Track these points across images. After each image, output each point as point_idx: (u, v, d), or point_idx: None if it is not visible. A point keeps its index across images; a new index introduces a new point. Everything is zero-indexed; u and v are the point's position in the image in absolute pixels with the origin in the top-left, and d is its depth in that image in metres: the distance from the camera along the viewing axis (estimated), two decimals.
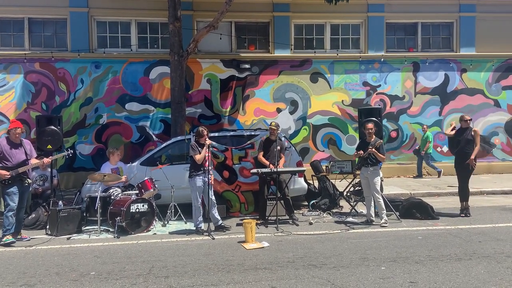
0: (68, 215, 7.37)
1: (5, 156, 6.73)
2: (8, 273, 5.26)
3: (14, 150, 6.82)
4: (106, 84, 13.05)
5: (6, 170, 6.65)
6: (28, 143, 7.11)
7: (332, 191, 9.34)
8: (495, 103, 14.33)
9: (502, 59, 14.23)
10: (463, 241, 6.29)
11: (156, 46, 13.47)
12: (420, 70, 14.12)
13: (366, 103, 13.76)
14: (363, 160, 7.75)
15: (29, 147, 7.03)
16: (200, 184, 7.21)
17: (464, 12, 14.19)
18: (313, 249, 6.08)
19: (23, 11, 12.94)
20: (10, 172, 6.65)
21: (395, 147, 14.02)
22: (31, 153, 7.02)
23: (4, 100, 12.75)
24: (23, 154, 6.87)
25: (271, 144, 8.16)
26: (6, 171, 6.64)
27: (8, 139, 6.89)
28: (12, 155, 6.77)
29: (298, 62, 13.76)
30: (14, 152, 6.81)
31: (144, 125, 13.16)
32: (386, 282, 4.64)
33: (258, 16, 13.75)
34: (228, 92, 13.52)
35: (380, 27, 14.00)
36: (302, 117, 13.76)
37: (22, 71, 12.80)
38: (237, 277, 4.92)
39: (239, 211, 8.80)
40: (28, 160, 6.88)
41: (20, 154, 6.85)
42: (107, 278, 4.97)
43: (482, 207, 8.90)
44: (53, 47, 13.08)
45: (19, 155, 6.83)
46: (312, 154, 13.53)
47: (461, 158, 8.08)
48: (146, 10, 13.20)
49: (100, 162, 9.63)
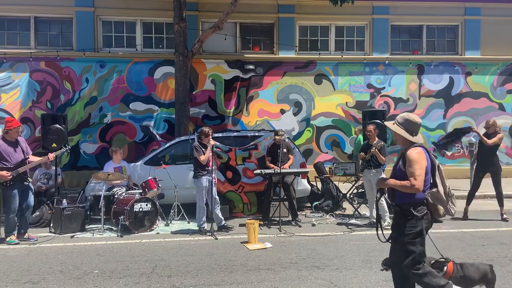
0: (72, 214, 7.40)
1: (4, 157, 6.51)
2: (12, 271, 5.29)
3: (12, 150, 6.60)
4: (111, 84, 13.10)
5: (6, 171, 6.42)
6: (23, 141, 6.88)
7: (335, 193, 9.34)
8: (500, 107, 14.28)
9: (507, 62, 14.18)
10: (467, 245, 6.27)
11: (161, 46, 13.51)
12: (424, 72, 14.09)
13: (370, 105, 13.74)
14: (366, 162, 7.75)
15: (24, 145, 6.83)
16: (206, 184, 7.23)
17: (469, 15, 14.16)
18: (316, 250, 6.07)
19: (29, 10, 13.01)
20: (11, 173, 6.44)
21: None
22: (27, 151, 6.81)
23: (10, 98, 12.82)
24: (21, 153, 6.69)
25: (278, 148, 8.14)
26: (7, 172, 6.41)
27: (4, 138, 6.64)
28: (11, 155, 6.57)
29: (303, 64, 13.76)
30: (12, 151, 6.60)
31: (148, 125, 13.20)
32: (389, 285, 4.62)
33: (263, 17, 13.77)
34: (232, 92, 13.53)
35: (385, 29, 13.99)
36: (306, 119, 13.75)
37: (28, 69, 12.87)
38: (240, 277, 4.92)
39: (242, 211, 8.81)
40: (26, 159, 6.68)
41: (19, 153, 6.66)
42: (111, 277, 4.99)
43: (485, 211, 8.86)
44: (59, 46, 13.15)
45: (17, 154, 6.64)
46: (316, 156, 13.53)
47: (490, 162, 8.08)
48: (151, 10, 13.24)
49: (104, 161, 9.66)
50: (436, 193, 3.55)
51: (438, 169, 3.62)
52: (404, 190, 3.52)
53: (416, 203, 3.55)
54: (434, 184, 3.60)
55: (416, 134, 3.72)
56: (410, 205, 3.56)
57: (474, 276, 3.80)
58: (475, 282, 3.82)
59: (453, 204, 3.63)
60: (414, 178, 3.46)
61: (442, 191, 3.57)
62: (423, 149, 3.63)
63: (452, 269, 3.79)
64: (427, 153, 3.64)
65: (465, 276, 3.77)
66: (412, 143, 3.66)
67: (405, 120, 3.75)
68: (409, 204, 3.56)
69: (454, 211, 3.65)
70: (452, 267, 3.80)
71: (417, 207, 3.54)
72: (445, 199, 3.57)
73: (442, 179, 3.62)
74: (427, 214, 3.58)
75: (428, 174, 3.57)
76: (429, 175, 3.60)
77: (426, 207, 3.58)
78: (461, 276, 3.77)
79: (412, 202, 3.55)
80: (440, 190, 3.55)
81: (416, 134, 3.72)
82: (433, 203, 3.58)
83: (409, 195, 3.54)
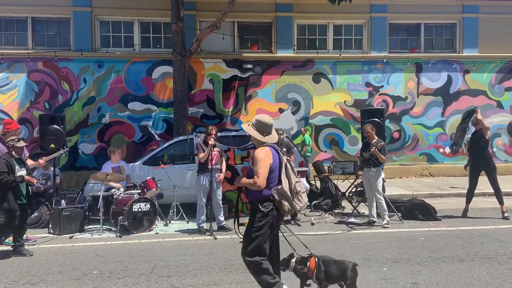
0: (71, 214, 7.38)
1: None
2: (11, 272, 5.28)
3: None
4: (109, 84, 13.08)
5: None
6: None
7: (334, 192, 9.34)
8: (498, 105, 14.30)
9: (505, 60, 14.20)
10: (465, 243, 6.28)
11: (159, 46, 13.49)
12: (422, 71, 14.10)
13: (369, 103, 13.74)
14: (365, 161, 7.76)
15: None
16: (204, 183, 7.23)
17: (467, 13, 14.17)
18: (315, 249, 6.01)
19: (27, 11, 12.98)
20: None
21: (397, 148, 14.01)
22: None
23: (7, 99, 12.79)
24: None
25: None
26: None
27: (1, 140, 6.59)
28: None
29: (301, 63, 13.76)
30: None
31: (147, 125, 13.19)
32: (388, 283, 4.64)
33: (261, 16, 13.76)
34: (231, 92, 13.52)
35: (383, 27, 13.99)
36: (304, 118, 13.75)
37: (25, 70, 12.84)
38: (239, 277, 4.92)
39: (241, 211, 8.80)
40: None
41: None
42: (110, 277, 4.99)
43: (484, 209, 8.87)
44: (56, 47, 13.12)
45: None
46: (315, 155, 13.52)
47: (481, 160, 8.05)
48: (149, 10, 13.22)
49: (102, 161, 9.63)
50: (280, 189, 3.76)
51: (285, 167, 3.84)
52: (251, 187, 3.82)
53: (262, 199, 3.81)
54: (280, 181, 3.81)
55: (268, 134, 3.96)
56: (258, 201, 3.83)
57: (334, 273, 4.05)
58: (336, 279, 4.07)
59: (299, 201, 3.84)
60: (257, 176, 3.74)
61: (287, 187, 3.78)
62: (270, 149, 3.89)
63: (314, 265, 4.05)
64: (276, 152, 3.89)
65: (327, 272, 4.03)
66: (263, 143, 3.92)
67: (257, 121, 3.98)
68: (257, 200, 3.84)
69: (300, 207, 3.85)
70: (314, 263, 4.06)
71: (263, 203, 3.80)
72: (289, 195, 3.78)
73: (288, 176, 3.84)
74: (272, 210, 3.81)
75: (274, 171, 3.82)
76: (276, 173, 3.82)
77: (272, 203, 3.80)
78: (323, 272, 4.03)
79: (260, 198, 3.83)
80: (284, 187, 3.76)
81: (268, 134, 3.96)
82: (279, 199, 3.77)
83: (257, 192, 3.80)
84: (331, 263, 4.11)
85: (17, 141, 6.03)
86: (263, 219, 3.79)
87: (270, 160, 3.80)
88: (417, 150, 13.93)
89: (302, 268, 4.07)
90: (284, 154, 4.00)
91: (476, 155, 8.08)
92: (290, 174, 3.85)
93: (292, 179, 3.84)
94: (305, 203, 3.91)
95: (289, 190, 3.78)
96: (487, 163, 8.05)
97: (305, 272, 4.05)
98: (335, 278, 4.06)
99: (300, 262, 4.12)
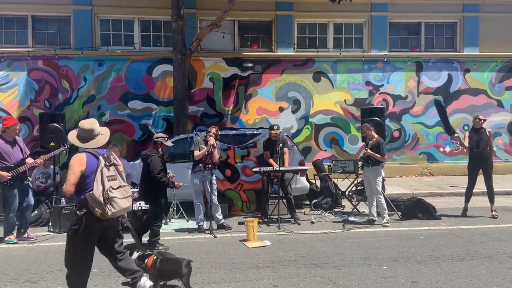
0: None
1: (4, 156, 6.47)
2: (11, 270, 5.29)
3: (11, 149, 6.55)
4: (109, 82, 13.06)
5: (6, 171, 6.39)
6: (21, 140, 6.85)
7: (334, 191, 9.35)
8: (498, 104, 14.28)
9: (505, 59, 14.17)
10: (465, 242, 6.28)
11: (159, 45, 13.47)
12: (423, 70, 14.08)
13: (369, 102, 13.73)
14: (365, 160, 7.78)
15: (22, 144, 6.79)
16: (196, 182, 7.25)
17: (468, 12, 14.14)
18: (315, 248, 6.08)
19: (27, 9, 12.95)
20: (11, 173, 6.41)
21: (397, 147, 14.00)
22: (25, 150, 6.79)
23: (8, 97, 12.78)
24: (20, 152, 6.66)
25: (274, 142, 8.16)
26: (7, 172, 6.38)
27: (2, 137, 6.59)
28: (10, 154, 6.52)
29: (301, 61, 13.74)
30: (11, 151, 6.55)
31: (147, 123, 13.17)
32: (388, 282, 4.64)
33: (261, 15, 13.74)
34: (231, 90, 13.51)
35: (383, 26, 13.97)
36: (304, 116, 13.74)
37: (26, 68, 12.82)
38: (239, 275, 4.93)
39: (241, 209, 8.82)
40: (25, 159, 6.66)
41: (18, 153, 6.62)
42: (110, 276, 4.99)
43: (484, 208, 8.87)
44: (56, 45, 13.09)
45: (16, 153, 6.59)
46: (314, 153, 13.52)
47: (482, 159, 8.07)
48: (149, 8, 13.20)
49: None
50: (91, 195, 3.77)
51: (101, 172, 3.83)
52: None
53: (79, 203, 3.91)
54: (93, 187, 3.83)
55: (89, 140, 4.02)
56: (77, 205, 3.97)
57: (168, 270, 4.28)
58: (172, 275, 4.31)
59: (112, 207, 3.82)
60: (65, 182, 3.84)
61: (97, 193, 3.76)
62: (87, 154, 3.92)
63: (151, 262, 4.30)
64: (94, 157, 3.90)
65: (160, 269, 4.26)
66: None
67: (79, 127, 4.07)
68: (77, 204, 3.99)
69: (112, 213, 3.81)
70: (151, 261, 4.31)
71: (80, 207, 3.89)
72: (100, 200, 3.77)
73: (103, 182, 3.81)
74: (86, 214, 3.84)
75: (89, 177, 3.84)
76: (92, 178, 3.84)
77: (86, 207, 3.85)
78: (156, 270, 4.25)
79: (78, 202, 3.95)
80: (95, 192, 3.76)
81: (88, 139, 4.02)
82: (91, 204, 3.81)
83: (76, 196, 3.91)
84: (168, 261, 4.35)
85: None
86: (77, 222, 3.87)
87: (82, 167, 3.84)
88: (417, 149, 13.92)
89: (140, 264, 4.28)
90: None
91: (477, 152, 8.05)
92: (105, 180, 3.82)
93: (106, 184, 3.81)
94: (121, 208, 3.89)
95: (100, 195, 3.77)
96: (486, 162, 8.05)
97: (143, 267, 4.27)
98: (171, 274, 4.30)
99: (140, 258, 4.35)
